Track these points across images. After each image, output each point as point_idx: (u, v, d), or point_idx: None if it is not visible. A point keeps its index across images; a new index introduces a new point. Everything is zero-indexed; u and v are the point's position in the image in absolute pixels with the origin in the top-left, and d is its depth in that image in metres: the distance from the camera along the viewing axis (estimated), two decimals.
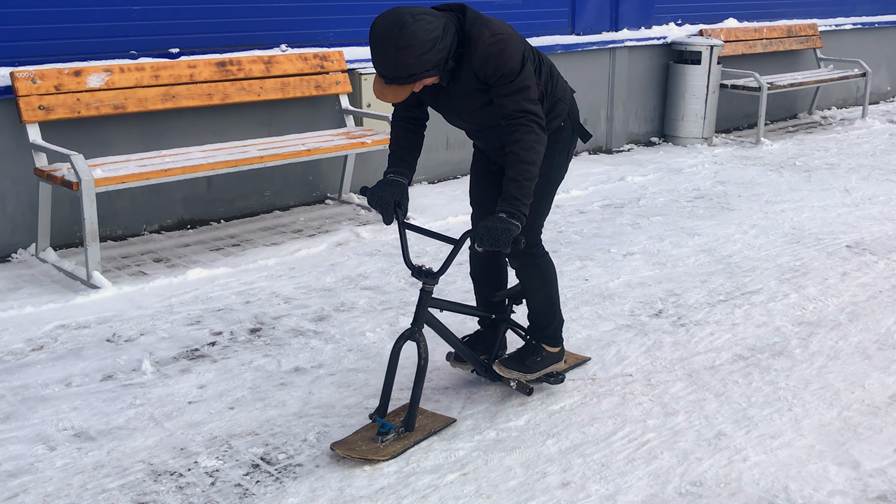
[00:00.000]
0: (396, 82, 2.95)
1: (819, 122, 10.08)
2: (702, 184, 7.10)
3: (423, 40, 2.87)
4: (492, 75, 3.04)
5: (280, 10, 6.10)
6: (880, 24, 11.18)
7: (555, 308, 3.57)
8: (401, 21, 2.86)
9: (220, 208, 6.01)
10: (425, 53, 2.89)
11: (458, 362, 3.62)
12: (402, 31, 2.85)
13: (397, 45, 2.85)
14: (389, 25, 2.87)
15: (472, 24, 3.03)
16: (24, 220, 5.19)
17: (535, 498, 2.90)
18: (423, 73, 2.94)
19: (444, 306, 3.43)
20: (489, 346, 3.61)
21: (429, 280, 3.21)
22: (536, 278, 3.49)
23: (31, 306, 4.41)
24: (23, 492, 2.91)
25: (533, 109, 3.07)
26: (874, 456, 3.15)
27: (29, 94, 4.92)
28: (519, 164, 3.04)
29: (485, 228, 3.00)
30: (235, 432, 3.29)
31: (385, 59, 2.91)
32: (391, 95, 2.99)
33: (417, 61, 2.89)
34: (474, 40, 3.02)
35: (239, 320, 4.31)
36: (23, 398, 3.53)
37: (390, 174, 3.29)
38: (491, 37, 3.02)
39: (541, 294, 3.52)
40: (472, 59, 3.04)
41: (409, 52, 2.86)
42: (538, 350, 3.54)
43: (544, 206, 3.42)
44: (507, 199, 3.03)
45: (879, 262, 5.20)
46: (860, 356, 3.96)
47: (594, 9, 8.11)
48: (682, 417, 3.42)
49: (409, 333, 3.22)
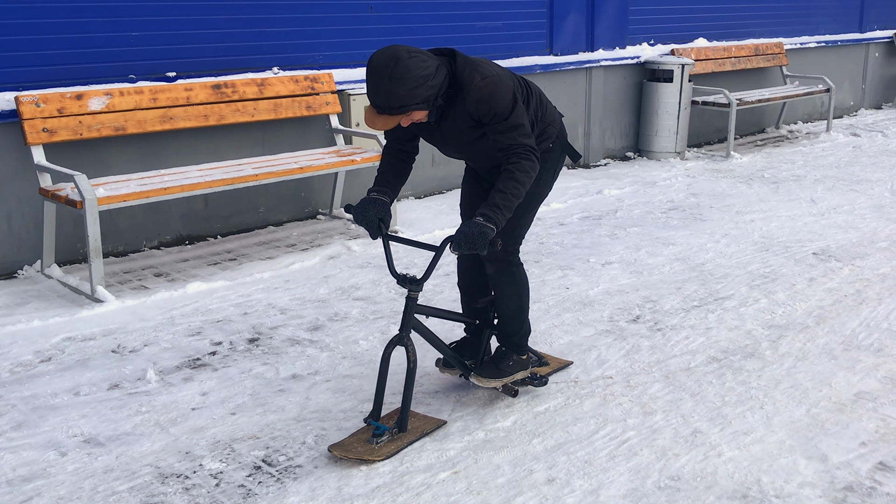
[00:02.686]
0: (387, 112, 3.02)
1: (786, 136, 10.20)
2: (675, 196, 7.18)
3: (415, 75, 2.95)
4: (485, 115, 3.12)
5: (272, 34, 6.15)
6: (843, 41, 11.34)
7: (523, 317, 3.59)
8: (397, 55, 2.95)
9: (216, 224, 6.05)
10: (417, 87, 2.97)
11: (446, 368, 3.67)
12: (396, 64, 2.93)
13: (391, 76, 2.93)
14: (386, 58, 2.95)
15: (464, 69, 3.11)
16: (30, 237, 5.22)
17: (522, 494, 2.95)
18: (413, 106, 3.01)
19: (430, 312, 3.48)
20: (475, 351, 3.65)
21: (413, 287, 3.27)
22: (510, 285, 3.51)
23: (38, 320, 4.44)
24: (37, 495, 2.95)
25: (528, 143, 3.16)
26: (841, 450, 3.22)
27: (33, 118, 4.95)
28: (511, 180, 3.12)
29: (462, 234, 3.07)
30: (237, 436, 3.33)
31: (379, 89, 2.98)
32: (381, 124, 3.06)
33: (409, 94, 2.97)
34: (466, 84, 3.10)
35: (238, 331, 4.35)
36: (34, 407, 3.56)
37: (374, 193, 3.36)
38: (482, 80, 3.09)
39: (512, 301, 3.54)
40: (464, 101, 3.12)
41: (402, 84, 2.94)
42: (508, 355, 3.59)
43: (527, 218, 3.48)
44: (490, 206, 3.11)
45: (844, 269, 5.28)
46: (827, 357, 4.04)
47: (571, 30, 8.20)
48: (660, 416, 3.48)
49: (397, 339, 3.27)
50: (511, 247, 3.45)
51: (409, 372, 3.26)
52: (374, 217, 3.30)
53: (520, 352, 3.61)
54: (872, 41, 11.87)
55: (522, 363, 3.60)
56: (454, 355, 3.56)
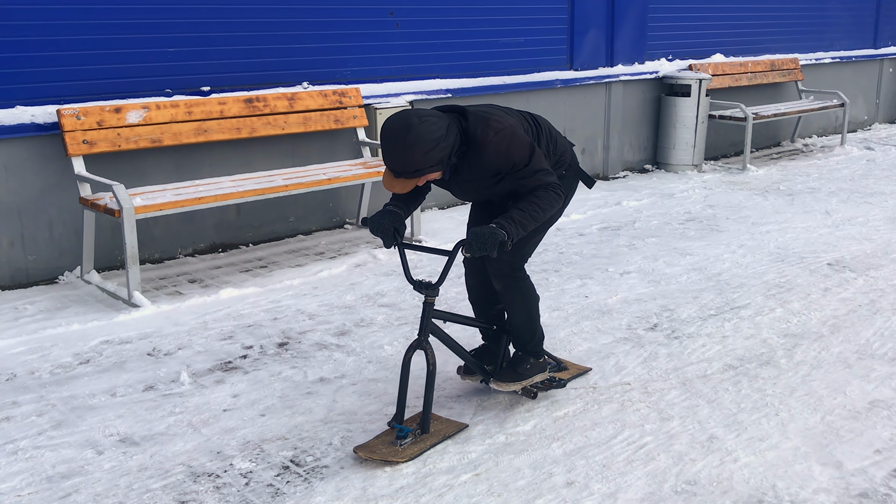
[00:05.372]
0: (404, 176, 3.05)
1: (801, 150, 10.12)
2: (692, 207, 7.15)
3: (427, 140, 2.98)
4: (505, 167, 3.16)
5: (302, 50, 6.20)
6: (857, 57, 11.24)
7: (535, 326, 3.58)
8: (408, 123, 2.97)
9: (248, 233, 6.09)
10: (430, 151, 3.00)
11: (467, 375, 3.66)
12: (409, 132, 2.96)
13: (405, 143, 2.96)
14: (398, 126, 2.98)
15: (475, 126, 3.13)
16: (70, 245, 5.27)
17: (542, 496, 2.94)
18: (428, 169, 3.04)
19: (448, 318, 3.48)
20: (494, 357, 3.65)
21: (429, 292, 3.27)
22: (518, 299, 3.50)
23: (77, 324, 4.48)
24: (75, 492, 2.97)
25: (552, 182, 3.19)
26: (855, 457, 3.18)
27: (74, 130, 5.01)
28: (533, 203, 3.16)
29: (474, 234, 3.09)
30: (267, 437, 3.34)
31: (394, 156, 3.02)
32: (398, 187, 3.09)
33: (423, 158, 3.00)
34: (480, 140, 3.12)
35: (268, 335, 4.37)
36: (72, 407, 3.60)
37: (389, 206, 3.38)
38: (495, 135, 3.12)
39: (522, 313, 3.53)
40: (480, 156, 3.14)
41: (415, 150, 2.97)
42: (525, 359, 3.58)
43: (536, 239, 3.50)
44: (507, 217, 3.13)
45: (858, 279, 5.23)
46: (841, 365, 4.00)
47: (591, 46, 8.19)
48: (676, 422, 3.45)
49: (416, 343, 3.27)
50: (517, 262, 3.46)
51: (428, 375, 3.27)
52: (389, 226, 3.32)
53: (536, 356, 3.60)
54: (886, 57, 11.76)
55: (540, 366, 3.60)
56: (474, 361, 3.55)
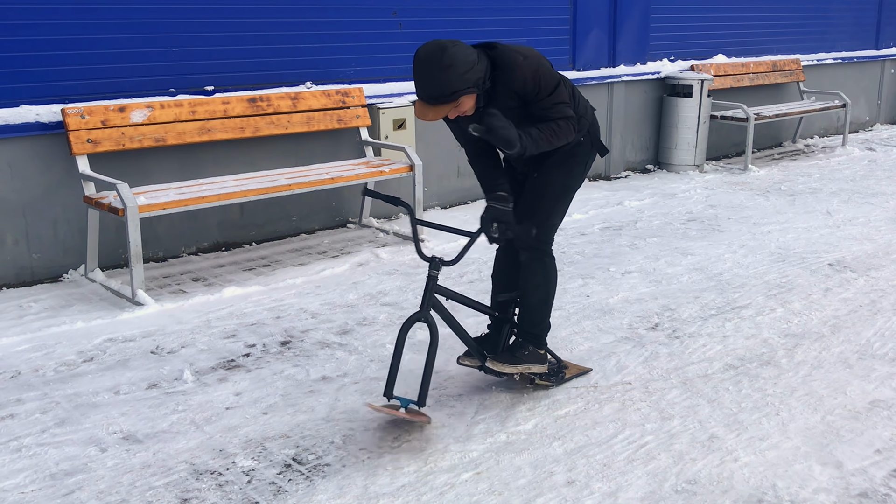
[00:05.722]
0: (440, 101, 3.05)
1: (802, 150, 10.11)
2: (694, 207, 7.14)
3: (463, 60, 3.02)
4: (531, 91, 3.19)
5: (305, 50, 6.20)
6: (858, 58, 11.23)
7: (547, 310, 3.60)
8: (442, 45, 3.02)
9: (251, 232, 6.09)
10: (466, 72, 3.03)
11: (466, 358, 3.60)
12: (444, 53, 3.00)
13: (441, 65, 2.99)
14: (432, 49, 3.02)
15: (504, 53, 3.18)
16: (74, 243, 5.28)
17: (542, 495, 2.94)
18: (465, 90, 3.05)
19: (451, 295, 3.44)
20: (493, 346, 3.63)
21: (434, 266, 3.27)
22: (540, 274, 3.53)
23: (81, 322, 4.49)
24: (78, 489, 2.98)
25: (572, 114, 3.27)
26: (855, 457, 3.18)
27: (78, 129, 5.02)
28: (550, 129, 3.22)
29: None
30: (269, 435, 3.35)
31: (430, 80, 3.02)
32: (432, 114, 3.09)
33: (460, 79, 3.02)
34: (509, 64, 3.16)
35: (270, 334, 4.38)
36: (76, 405, 3.60)
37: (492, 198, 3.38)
38: (524, 59, 3.17)
39: (539, 291, 3.55)
40: (508, 81, 3.17)
41: (452, 70, 3.00)
42: (525, 345, 3.56)
43: (561, 208, 3.53)
44: (525, 132, 3.14)
45: (859, 279, 5.22)
46: (842, 365, 3.99)
47: (593, 46, 8.19)
48: (677, 422, 3.45)
49: (416, 316, 3.24)
50: (545, 237, 3.51)
51: (430, 346, 3.24)
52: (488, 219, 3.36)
53: (537, 344, 3.59)
54: (888, 58, 11.74)
55: (539, 357, 3.58)
56: (474, 344, 3.54)
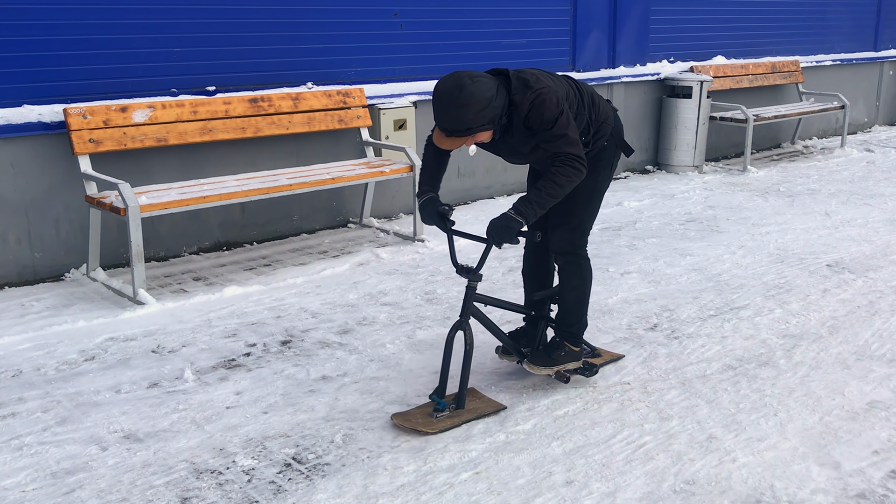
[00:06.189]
0: (455, 135, 3.11)
1: (801, 151, 10.11)
2: (693, 208, 7.14)
3: (479, 99, 3.03)
4: (535, 125, 3.21)
5: (306, 51, 6.20)
6: (857, 60, 11.22)
7: (583, 310, 3.68)
8: (461, 83, 3.02)
9: (252, 232, 6.09)
10: (482, 111, 3.05)
11: (504, 355, 3.77)
12: (462, 91, 3.01)
13: (458, 103, 3.01)
14: (451, 86, 3.03)
15: (517, 87, 3.18)
16: (76, 242, 5.28)
17: (541, 495, 2.94)
18: (480, 127, 3.10)
19: (489, 302, 3.58)
20: (530, 340, 3.75)
21: (472, 277, 3.38)
22: (577, 276, 3.61)
23: (83, 321, 4.49)
24: (79, 487, 2.97)
25: (572, 152, 3.20)
26: (853, 457, 3.18)
27: (80, 129, 5.02)
28: (550, 181, 3.20)
29: (491, 225, 3.20)
30: (269, 434, 3.34)
31: (447, 116, 3.07)
32: (448, 144, 3.17)
33: (475, 117, 3.05)
34: (519, 100, 3.18)
35: (271, 333, 4.38)
36: (77, 403, 3.60)
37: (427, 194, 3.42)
38: (532, 94, 3.17)
39: (576, 292, 3.63)
40: (519, 116, 3.20)
41: (468, 109, 3.03)
42: (561, 346, 3.66)
43: (591, 211, 3.57)
44: (523, 200, 3.20)
45: (857, 280, 5.22)
46: (840, 366, 3.99)
47: (593, 47, 8.19)
48: (676, 422, 3.45)
49: (458, 324, 3.38)
50: (579, 240, 3.56)
51: (465, 354, 3.37)
52: (434, 212, 3.38)
53: (574, 343, 3.67)
54: (887, 60, 11.73)
55: (574, 354, 3.67)
56: (511, 342, 3.65)
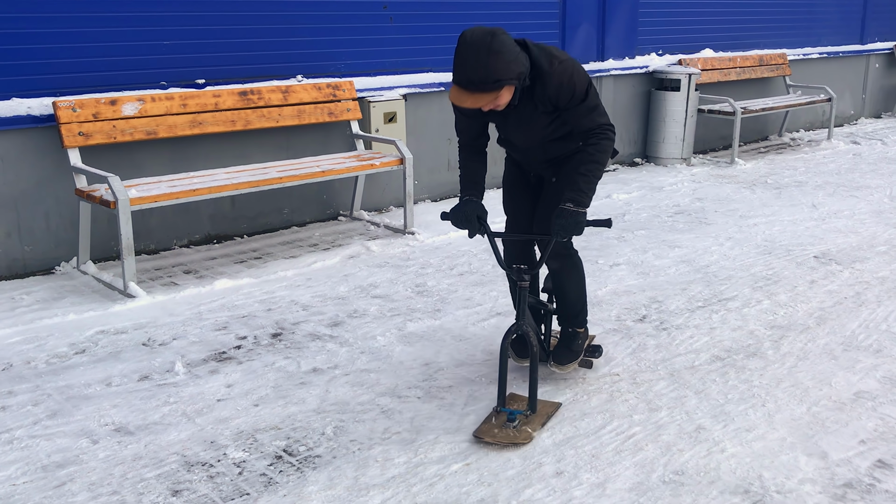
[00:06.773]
0: (481, 89, 2.92)
1: (788, 144, 10.13)
2: (681, 200, 7.15)
3: (510, 49, 2.92)
4: (564, 98, 3.12)
5: (296, 43, 6.17)
6: (844, 53, 11.25)
7: (584, 297, 3.70)
8: (492, 31, 2.89)
9: (243, 225, 6.07)
10: (512, 62, 2.92)
11: (521, 358, 3.71)
12: (494, 38, 2.87)
13: (490, 49, 2.86)
14: (481, 33, 2.88)
15: (539, 55, 3.09)
16: (66, 235, 5.24)
17: (531, 486, 2.94)
18: (508, 81, 2.93)
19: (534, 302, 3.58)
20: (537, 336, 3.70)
21: (525, 277, 3.29)
22: (573, 275, 3.62)
23: (73, 314, 4.46)
24: (69, 481, 2.96)
25: (606, 122, 3.18)
26: (840, 447, 3.19)
27: (70, 122, 4.98)
28: (591, 162, 3.14)
29: (560, 226, 3.13)
30: (260, 427, 3.33)
31: (476, 64, 2.87)
32: (470, 101, 2.95)
33: (506, 67, 2.90)
34: (544, 69, 3.08)
35: (262, 326, 4.36)
36: (68, 397, 3.58)
37: (465, 196, 3.34)
38: (559, 64, 3.09)
39: (575, 289, 3.65)
40: (543, 86, 3.10)
41: (501, 57, 2.88)
42: (575, 335, 3.69)
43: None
44: (576, 190, 3.13)
45: (844, 272, 5.24)
46: (827, 357, 4.00)
47: (582, 40, 8.17)
48: (664, 413, 3.45)
49: (515, 328, 3.30)
50: (569, 242, 3.54)
51: (532, 357, 3.31)
52: (472, 214, 3.28)
53: (581, 325, 3.73)
54: (873, 52, 11.77)
55: (585, 335, 3.76)
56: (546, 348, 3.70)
